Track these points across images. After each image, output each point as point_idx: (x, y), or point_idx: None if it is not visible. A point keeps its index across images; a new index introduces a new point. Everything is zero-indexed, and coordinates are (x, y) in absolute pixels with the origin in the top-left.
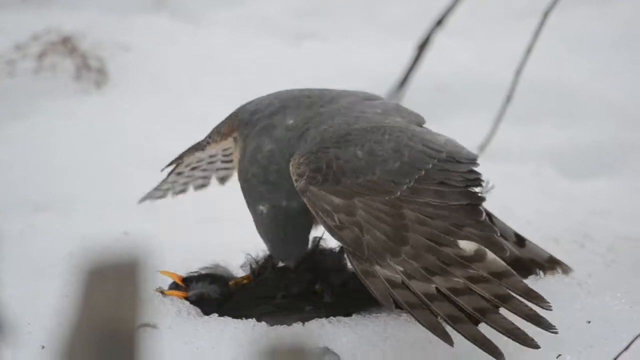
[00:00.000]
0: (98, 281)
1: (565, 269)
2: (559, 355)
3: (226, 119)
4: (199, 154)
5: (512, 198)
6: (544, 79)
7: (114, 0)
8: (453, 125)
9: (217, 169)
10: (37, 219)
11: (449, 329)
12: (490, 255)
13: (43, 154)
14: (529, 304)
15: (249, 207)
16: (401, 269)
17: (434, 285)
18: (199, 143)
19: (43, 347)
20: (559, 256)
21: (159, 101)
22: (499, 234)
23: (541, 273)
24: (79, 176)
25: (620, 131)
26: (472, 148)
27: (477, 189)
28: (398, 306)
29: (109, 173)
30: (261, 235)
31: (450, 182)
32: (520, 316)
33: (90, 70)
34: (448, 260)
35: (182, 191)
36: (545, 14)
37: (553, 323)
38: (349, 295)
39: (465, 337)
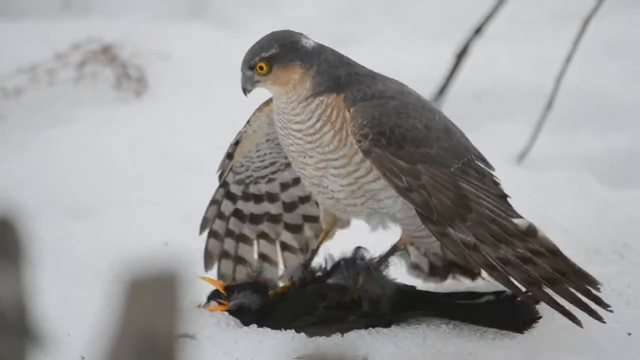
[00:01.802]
0: (138, 292)
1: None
2: None
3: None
4: (245, 131)
5: (550, 205)
6: (583, 85)
7: (153, 9)
8: (491, 132)
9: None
10: (76, 227)
11: None
12: (541, 232)
13: (83, 162)
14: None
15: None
16: (471, 233)
17: (503, 251)
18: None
19: (83, 358)
20: (598, 266)
21: (198, 109)
22: None
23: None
24: (119, 184)
25: None
26: (510, 156)
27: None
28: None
29: (148, 180)
30: None
31: (485, 174)
32: (578, 291)
33: (130, 79)
34: (509, 231)
35: (225, 276)
36: (586, 21)
37: (593, 335)
38: (388, 305)
39: (542, 299)
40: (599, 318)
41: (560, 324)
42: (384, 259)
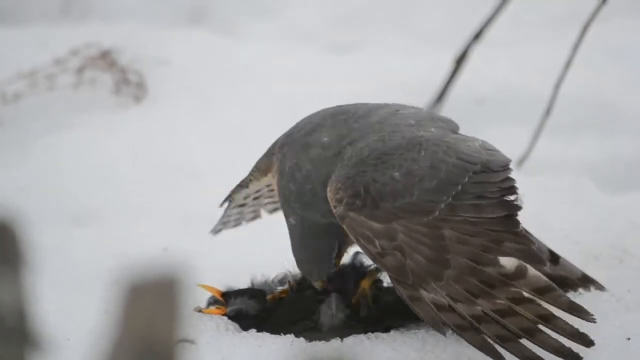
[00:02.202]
0: (137, 298)
1: (599, 288)
2: None
3: (264, 155)
4: (245, 191)
5: (549, 211)
6: (583, 91)
7: (152, 14)
8: (491, 138)
9: (265, 204)
10: (75, 232)
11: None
12: (531, 270)
13: (82, 168)
14: (572, 320)
15: (286, 221)
16: (445, 292)
17: (479, 307)
18: (243, 180)
19: None
20: (598, 271)
21: (197, 114)
22: (536, 245)
23: (580, 290)
24: (118, 190)
25: None
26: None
27: (512, 197)
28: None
29: (147, 186)
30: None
31: (486, 195)
32: (564, 335)
33: (130, 85)
34: (490, 280)
35: (237, 224)
36: (585, 27)
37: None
38: (386, 310)
39: (516, 356)
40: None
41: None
42: None
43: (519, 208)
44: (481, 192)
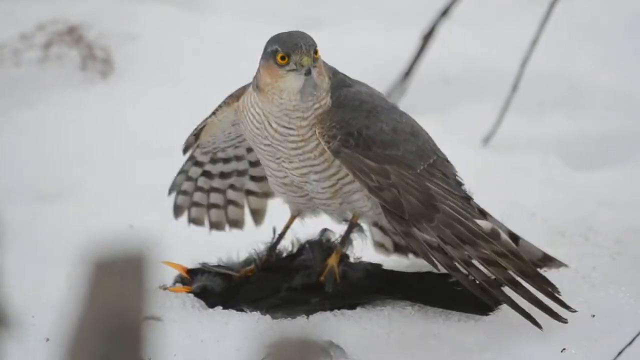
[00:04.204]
0: (103, 274)
1: (560, 266)
2: (564, 349)
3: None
4: (211, 120)
5: (517, 189)
6: (551, 68)
7: None
8: (459, 116)
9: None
10: (41, 209)
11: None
12: (504, 235)
13: (48, 144)
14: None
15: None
16: (436, 233)
17: (466, 253)
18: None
19: (47, 339)
20: (564, 248)
21: (164, 91)
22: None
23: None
24: (84, 166)
25: (627, 122)
26: (477, 139)
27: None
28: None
29: (114, 163)
30: None
31: (449, 176)
32: (541, 292)
33: (96, 60)
34: (474, 232)
35: (217, 226)
36: (552, 4)
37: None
38: (352, 287)
39: (502, 301)
40: (560, 319)
41: (524, 306)
42: (345, 238)
43: (471, 197)
44: (446, 171)
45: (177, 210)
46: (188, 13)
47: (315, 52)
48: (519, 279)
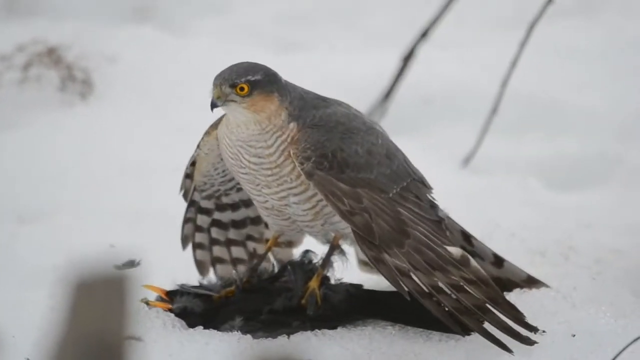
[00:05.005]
0: (84, 294)
1: (543, 287)
2: None
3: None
4: (197, 154)
5: (497, 210)
6: (530, 90)
7: (99, 12)
8: (438, 137)
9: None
10: (21, 230)
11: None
12: (473, 262)
13: (28, 165)
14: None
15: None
16: (406, 259)
17: (435, 279)
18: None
19: (28, 359)
20: (544, 269)
21: (143, 112)
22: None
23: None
24: (64, 187)
25: (606, 143)
26: (457, 160)
27: (438, 209)
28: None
29: (93, 184)
30: None
31: (422, 198)
32: (511, 319)
33: (76, 82)
34: (444, 259)
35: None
36: (531, 26)
37: (538, 337)
38: (334, 309)
39: (472, 328)
40: (529, 343)
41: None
42: (326, 260)
43: (444, 219)
44: (419, 194)
45: (201, 267)
46: (168, 35)
47: (234, 85)
48: (487, 305)
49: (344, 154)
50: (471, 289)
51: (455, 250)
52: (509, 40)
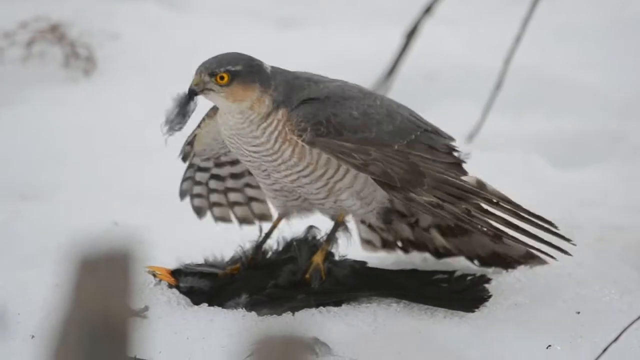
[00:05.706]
0: (89, 272)
1: (542, 263)
2: (549, 345)
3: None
4: (198, 131)
5: (499, 187)
6: (533, 67)
7: None
8: (442, 114)
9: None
10: (23, 208)
11: None
12: (489, 185)
13: (31, 142)
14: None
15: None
16: (432, 194)
17: (464, 206)
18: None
19: (33, 336)
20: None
21: (146, 88)
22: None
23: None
24: (67, 164)
25: (608, 120)
26: (460, 137)
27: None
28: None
29: (97, 161)
30: None
31: (437, 147)
32: (540, 229)
33: (79, 58)
34: (463, 188)
35: (245, 221)
36: (534, 3)
37: (542, 314)
38: (338, 284)
39: (514, 240)
40: (565, 252)
41: (510, 303)
42: (331, 236)
43: (464, 160)
44: (432, 144)
45: (199, 212)
46: (170, 11)
47: (213, 74)
48: (516, 221)
49: (338, 119)
50: (497, 210)
51: (470, 179)
52: (511, 17)
